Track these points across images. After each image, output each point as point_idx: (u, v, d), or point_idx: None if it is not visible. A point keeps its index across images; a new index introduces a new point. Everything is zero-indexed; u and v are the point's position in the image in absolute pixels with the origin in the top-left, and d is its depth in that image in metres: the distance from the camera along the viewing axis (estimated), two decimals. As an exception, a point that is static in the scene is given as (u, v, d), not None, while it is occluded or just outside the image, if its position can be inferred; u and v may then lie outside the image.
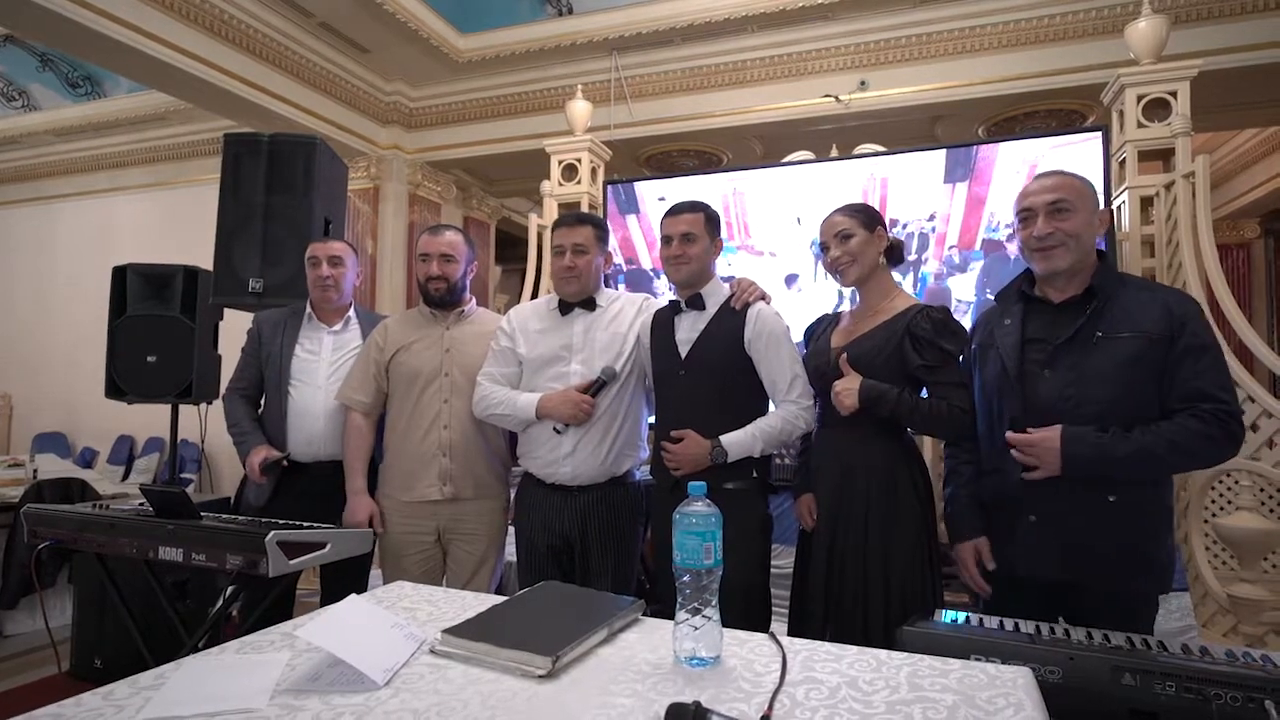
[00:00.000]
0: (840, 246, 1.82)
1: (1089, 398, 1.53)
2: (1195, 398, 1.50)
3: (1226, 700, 1.07)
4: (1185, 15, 3.77)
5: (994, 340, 1.69)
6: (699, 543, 1.04)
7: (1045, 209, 1.60)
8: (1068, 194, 1.59)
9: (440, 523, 2.19)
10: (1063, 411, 1.55)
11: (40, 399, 6.57)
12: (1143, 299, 1.57)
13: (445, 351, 2.21)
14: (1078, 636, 1.27)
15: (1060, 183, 1.62)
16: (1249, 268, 6.97)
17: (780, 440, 1.87)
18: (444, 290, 2.22)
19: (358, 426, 2.24)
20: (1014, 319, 1.67)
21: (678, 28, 4.46)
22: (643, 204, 4.08)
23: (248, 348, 2.45)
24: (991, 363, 1.69)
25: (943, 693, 0.94)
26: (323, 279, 2.36)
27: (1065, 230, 1.58)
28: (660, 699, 0.91)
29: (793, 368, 1.88)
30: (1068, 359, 1.57)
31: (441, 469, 2.15)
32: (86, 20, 3.50)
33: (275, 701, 0.93)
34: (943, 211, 3.50)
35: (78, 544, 2.01)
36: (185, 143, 6.08)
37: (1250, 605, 2.60)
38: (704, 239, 1.95)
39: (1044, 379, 1.59)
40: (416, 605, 1.34)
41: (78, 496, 3.39)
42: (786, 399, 1.87)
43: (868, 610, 1.68)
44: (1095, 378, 1.54)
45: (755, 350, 1.89)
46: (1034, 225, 1.62)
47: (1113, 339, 1.54)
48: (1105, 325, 1.56)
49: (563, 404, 1.98)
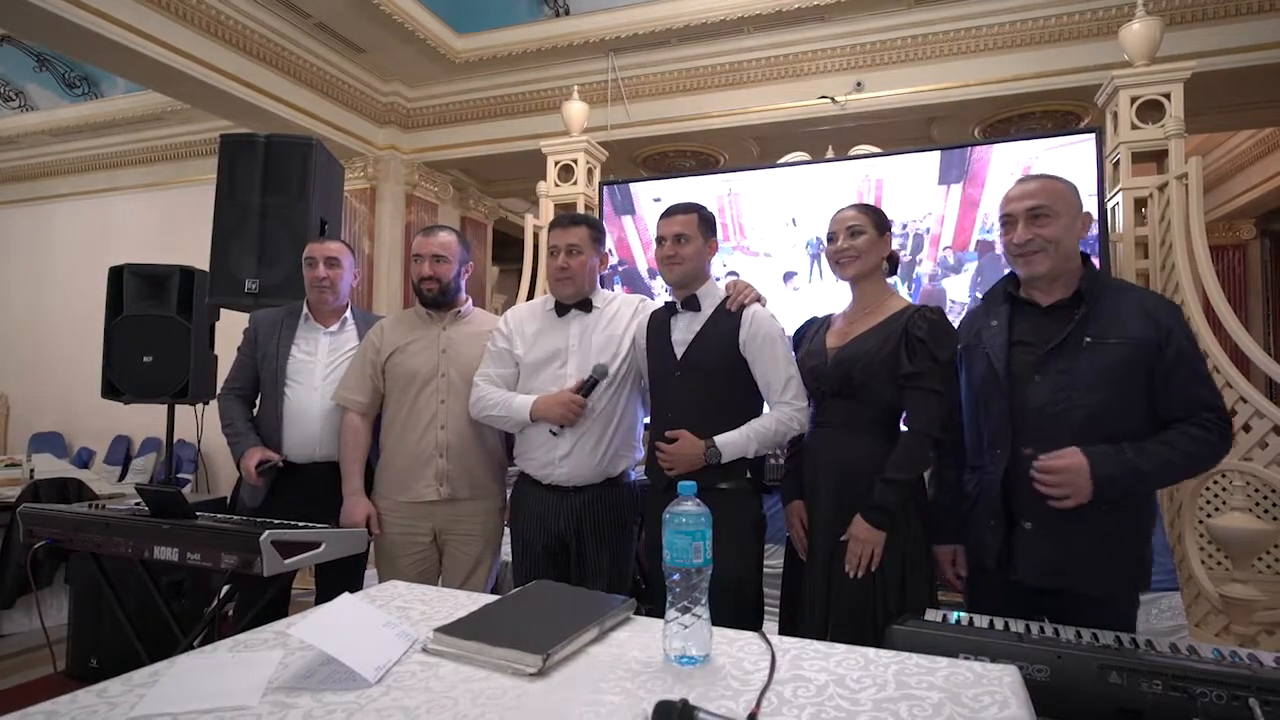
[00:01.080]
0: (849, 239, 1.83)
1: (1078, 403, 1.54)
2: (1198, 406, 1.51)
3: (1212, 698, 1.08)
4: (1179, 17, 3.79)
5: (980, 341, 1.70)
6: (688, 542, 1.05)
7: (1025, 215, 1.61)
8: (1047, 199, 1.60)
9: (436, 523, 2.19)
10: (1052, 416, 1.55)
11: (37, 399, 6.57)
12: (1128, 304, 1.58)
13: (441, 352, 2.21)
14: (1066, 635, 1.27)
15: (1040, 188, 1.62)
16: (1245, 268, 6.99)
17: (774, 441, 1.88)
18: (436, 291, 2.22)
19: (354, 427, 2.24)
20: (1000, 320, 1.68)
21: (674, 28, 4.48)
22: (638, 205, 4.09)
23: (244, 348, 2.44)
24: (978, 363, 1.70)
25: (929, 690, 0.95)
26: (319, 280, 2.35)
27: (1045, 236, 1.58)
28: (649, 697, 0.91)
29: (787, 369, 1.88)
30: (1057, 364, 1.57)
31: (438, 470, 2.16)
32: (83, 20, 3.51)
33: (268, 699, 0.94)
34: (937, 213, 3.51)
35: (74, 543, 2.01)
36: (182, 143, 6.08)
37: (1242, 605, 2.61)
38: (697, 240, 1.95)
39: (1034, 384, 1.59)
40: (409, 604, 1.35)
41: (74, 496, 3.39)
42: (781, 400, 1.87)
43: (875, 610, 1.69)
44: (1085, 383, 1.54)
45: (750, 351, 1.89)
46: (1014, 231, 1.63)
47: (1101, 344, 1.54)
48: (1093, 330, 1.56)
49: (555, 406, 1.98)
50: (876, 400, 1.77)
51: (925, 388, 1.71)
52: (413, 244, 2.28)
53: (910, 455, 1.72)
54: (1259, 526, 2.66)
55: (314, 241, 2.48)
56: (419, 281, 2.23)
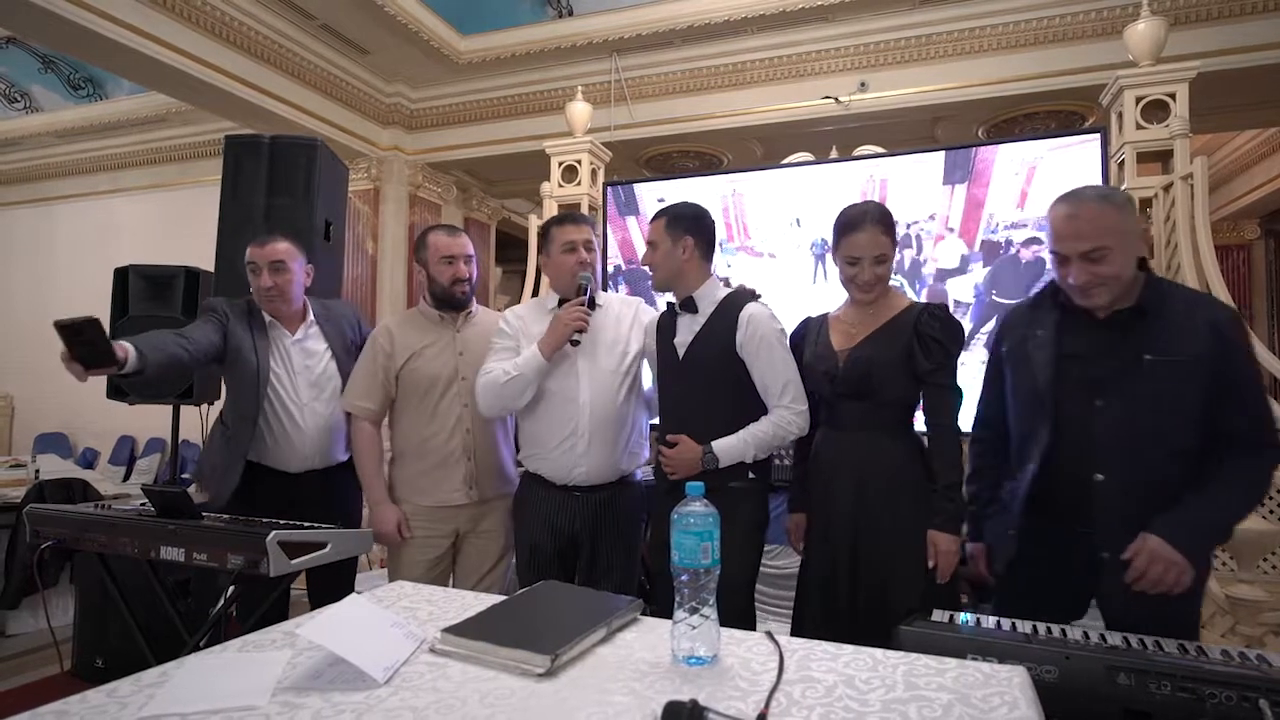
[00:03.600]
0: (874, 268, 1.77)
1: (1146, 430, 1.46)
2: (1256, 425, 1.46)
3: (1221, 699, 1.07)
4: (1184, 17, 3.78)
5: (1026, 350, 1.61)
6: (697, 542, 1.05)
7: (1079, 257, 1.47)
8: (1103, 240, 1.45)
9: (460, 525, 2.18)
10: (1120, 450, 1.48)
11: (41, 400, 6.59)
12: (1190, 316, 1.47)
13: (459, 355, 2.19)
14: (1074, 636, 1.27)
15: (1092, 228, 1.45)
16: (1249, 268, 6.98)
17: (773, 445, 1.85)
18: (469, 292, 2.22)
19: (369, 434, 2.20)
20: (1048, 330, 1.58)
21: (678, 29, 4.48)
22: (642, 205, 4.09)
23: (212, 318, 2.20)
24: (1022, 375, 1.62)
25: (938, 691, 0.95)
26: (265, 290, 2.18)
27: (1103, 275, 1.46)
28: (658, 697, 0.91)
29: (785, 372, 1.85)
30: (1119, 386, 1.48)
31: (467, 473, 2.14)
32: (88, 22, 3.52)
33: (277, 699, 0.94)
34: (942, 213, 3.50)
35: (80, 544, 2.01)
36: (186, 144, 6.10)
37: (1249, 606, 2.60)
38: (664, 243, 1.92)
39: (1097, 410, 1.50)
40: (416, 604, 1.35)
41: (79, 497, 3.39)
42: (779, 404, 1.85)
43: (889, 607, 1.68)
44: (1150, 407, 1.46)
45: (747, 353, 1.86)
46: (1070, 268, 1.49)
47: (1164, 363, 1.45)
48: (1154, 347, 1.46)
49: (560, 326, 1.96)
50: (894, 399, 1.78)
51: (943, 384, 1.75)
52: (431, 244, 2.19)
53: (949, 455, 1.74)
54: (1265, 527, 2.65)
55: (253, 243, 2.24)
56: (453, 283, 2.17)
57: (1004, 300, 3.36)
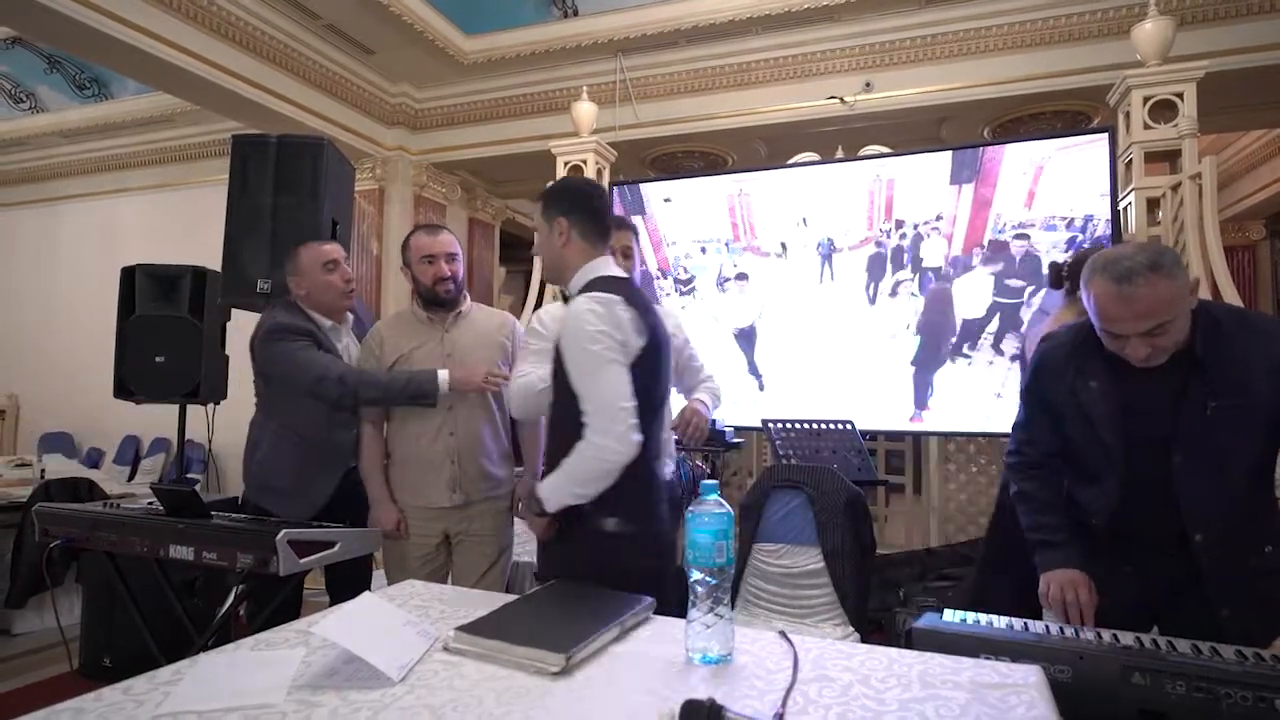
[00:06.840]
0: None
1: (1231, 482, 1.43)
2: None
3: (1237, 699, 1.07)
4: (1191, 16, 3.77)
5: (1079, 404, 1.53)
6: (711, 540, 1.05)
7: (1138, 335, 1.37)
8: (1162, 316, 1.34)
9: (449, 526, 2.18)
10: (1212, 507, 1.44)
11: (46, 399, 6.59)
12: (1252, 354, 1.41)
13: (447, 357, 2.17)
14: (1087, 636, 1.27)
15: (1151, 307, 1.33)
16: (1255, 269, 6.95)
17: (593, 480, 1.46)
18: (454, 291, 2.20)
19: (370, 435, 2.21)
20: (1100, 382, 1.50)
21: (683, 29, 4.47)
22: (649, 205, 4.09)
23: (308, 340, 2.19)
24: (1079, 427, 1.54)
25: (955, 690, 0.95)
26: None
27: (1165, 346, 1.38)
28: (674, 696, 0.91)
29: (590, 382, 1.47)
30: (1192, 441, 1.43)
31: (451, 475, 2.14)
32: (94, 22, 3.52)
33: (292, 697, 0.94)
34: (949, 213, 3.50)
35: (89, 543, 2.02)
36: (192, 144, 6.10)
37: (1257, 606, 2.59)
38: (540, 228, 1.66)
39: (1177, 467, 1.44)
40: (428, 603, 1.35)
41: (85, 496, 3.40)
42: (586, 422, 1.46)
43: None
44: (1227, 460, 1.42)
45: (565, 358, 1.52)
46: (1124, 342, 1.40)
47: (1230, 409, 1.40)
48: (1215, 392, 1.40)
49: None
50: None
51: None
52: (414, 245, 2.19)
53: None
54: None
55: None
56: (435, 283, 2.17)
57: (1004, 300, 3.36)
